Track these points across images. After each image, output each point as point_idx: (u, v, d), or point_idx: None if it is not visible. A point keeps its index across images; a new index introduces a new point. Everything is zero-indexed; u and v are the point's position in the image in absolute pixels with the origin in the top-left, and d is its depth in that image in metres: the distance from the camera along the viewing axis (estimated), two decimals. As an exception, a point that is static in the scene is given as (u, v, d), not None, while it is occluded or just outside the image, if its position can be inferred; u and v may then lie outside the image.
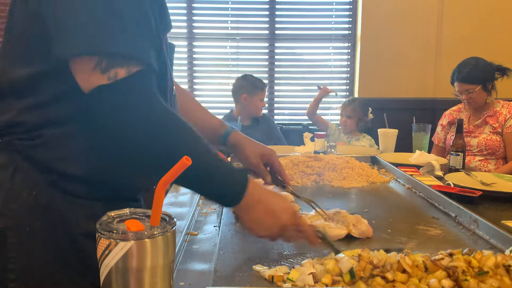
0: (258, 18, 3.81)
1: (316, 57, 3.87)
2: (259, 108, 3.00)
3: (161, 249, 0.60)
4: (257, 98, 2.95)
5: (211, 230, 1.10)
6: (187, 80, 3.79)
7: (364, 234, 1.01)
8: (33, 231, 0.79)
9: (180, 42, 3.77)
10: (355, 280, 0.75)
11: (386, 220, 1.16)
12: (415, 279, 0.74)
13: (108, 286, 0.60)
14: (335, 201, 1.36)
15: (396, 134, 2.36)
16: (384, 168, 1.84)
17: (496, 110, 2.51)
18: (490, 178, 1.65)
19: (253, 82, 2.98)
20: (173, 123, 0.78)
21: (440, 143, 2.73)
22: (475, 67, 2.45)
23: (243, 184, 0.84)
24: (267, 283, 0.78)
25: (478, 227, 1.06)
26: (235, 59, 3.82)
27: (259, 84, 2.98)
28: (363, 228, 1.01)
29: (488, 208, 1.34)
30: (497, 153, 2.48)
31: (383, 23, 3.49)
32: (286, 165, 1.70)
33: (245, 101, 2.95)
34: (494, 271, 0.75)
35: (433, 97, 3.54)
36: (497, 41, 3.41)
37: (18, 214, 0.79)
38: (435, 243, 1.00)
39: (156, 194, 0.62)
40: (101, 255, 0.59)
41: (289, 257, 0.90)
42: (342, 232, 0.99)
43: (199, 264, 0.90)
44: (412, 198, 1.41)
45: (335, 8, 3.78)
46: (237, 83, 3.05)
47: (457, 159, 1.90)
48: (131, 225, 0.60)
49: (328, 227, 0.99)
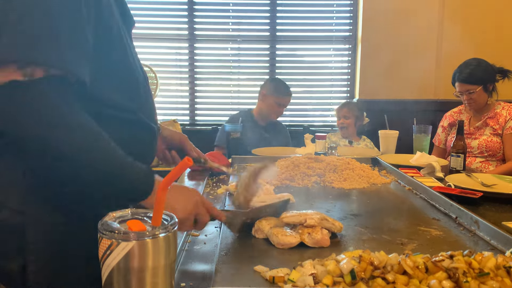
0: (259, 20, 3.81)
1: (317, 59, 3.88)
2: (272, 111, 2.99)
3: (163, 249, 0.60)
4: (273, 99, 2.94)
5: (212, 231, 1.10)
6: (188, 82, 3.80)
7: (318, 243, 0.96)
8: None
9: (181, 43, 3.78)
10: (356, 281, 0.75)
11: (387, 221, 1.16)
12: (416, 280, 0.74)
13: (109, 286, 0.60)
14: (336, 202, 1.36)
15: (397, 135, 2.37)
16: (385, 170, 1.84)
17: (497, 111, 2.51)
18: (490, 179, 1.65)
19: (277, 84, 2.99)
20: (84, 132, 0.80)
21: (441, 145, 2.73)
22: (477, 68, 2.45)
23: (149, 182, 0.85)
24: (268, 284, 0.78)
25: (479, 228, 1.06)
26: (236, 60, 3.82)
27: (283, 88, 2.97)
28: (317, 237, 0.96)
29: (489, 210, 1.34)
30: (498, 154, 2.48)
31: (383, 25, 3.49)
32: (287, 166, 1.70)
33: (262, 96, 2.95)
34: (494, 273, 0.75)
35: (434, 99, 3.54)
36: (498, 43, 3.41)
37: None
38: (435, 244, 1.00)
39: (158, 195, 0.63)
40: (103, 255, 0.59)
41: (290, 258, 0.90)
42: (293, 241, 0.95)
43: (200, 264, 0.90)
44: (412, 199, 1.41)
45: (335, 10, 3.78)
46: (265, 82, 3.07)
47: (458, 160, 1.91)
48: (133, 225, 0.60)
49: (281, 234, 0.96)
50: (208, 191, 1.49)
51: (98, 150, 0.81)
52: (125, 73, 0.95)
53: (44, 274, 0.88)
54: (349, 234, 1.05)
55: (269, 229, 1.00)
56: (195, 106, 3.84)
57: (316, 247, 0.96)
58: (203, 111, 3.87)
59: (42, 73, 0.75)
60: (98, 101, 0.88)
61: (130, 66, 0.97)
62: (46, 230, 0.88)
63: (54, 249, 0.88)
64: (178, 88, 3.84)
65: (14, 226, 0.87)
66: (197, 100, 3.84)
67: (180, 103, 3.84)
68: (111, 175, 0.83)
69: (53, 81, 0.76)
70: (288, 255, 0.92)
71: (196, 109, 3.84)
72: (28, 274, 0.87)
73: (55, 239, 0.88)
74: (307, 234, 0.97)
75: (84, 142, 0.79)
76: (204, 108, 3.88)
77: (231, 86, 3.85)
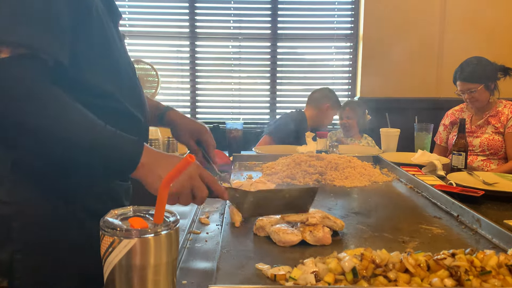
0: (260, 18, 3.80)
1: (318, 57, 3.87)
2: (330, 122, 3.17)
3: (165, 247, 0.60)
4: (334, 113, 3.11)
5: (213, 229, 1.10)
6: (189, 80, 3.80)
7: (319, 241, 0.96)
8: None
9: (182, 41, 3.77)
10: (358, 279, 0.75)
11: (388, 219, 1.16)
12: (418, 278, 0.74)
13: (111, 284, 0.60)
14: (337, 200, 1.36)
15: (398, 133, 2.36)
16: (386, 168, 1.83)
17: (498, 110, 2.50)
18: (492, 177, 1.65)
19: (337, 99, 3.13)
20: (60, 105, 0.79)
21: (442, 143, 2.73)
22: (478, 66, 2.44)
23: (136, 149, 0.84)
24: (270, 281, 0.78)
25: (481, 227, 1.06)
26: (237, 58, 3.82)
27: (340, 103, 3.13)
28: (319, 235, 0.96)
29: (491, 208, 1.34)
30: (499, 153, 2.48)
31: (385, 22, 3.49)
32: (289, 164, 1.70)
33: (326, 110, 3.07)
34: (496, 271, 0.75)
35: (435, 97, 3.54)
36: (500, 41, 3.40)
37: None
38: (437, 242, 1.00)
39: (160, 192, 0.63)
40: (105, 252, 0.59)
41: (292, 256, 0.90)
42: (295, 239, 0.95)
43: (202, 262, 0.90)
44: (414, 197, 1.41)
45: (337, 8, 3.77)
46: (323, 92, 3.14)
47: (459, 158, 1.90)
48: (135, 222, 0.60)
49: (283, 232, 0.96)
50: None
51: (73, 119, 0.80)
52: (107, 59, 0.95)
53: (32, 265, 0.90)
54: (350, 232, 1.05)
55: (270, 227, 1.00)
56: (196, 104, 3.84)
57: (318, 245, 0.96)
58: (204, 109, 3.87)
59: (9, 52, 0.76)
60: (78, 85, 0.88)
61: (113, 54, 0.96)
62: (32, 220, 0.90)
63: (41, 239, 0.90)
64: (179, 86, 3.84)
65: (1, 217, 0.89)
66: (198, 98, 3.84)
67: (181, 101, 3.84)
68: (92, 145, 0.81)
69: (23, 60, 0.77)
70: (289, 253, 0.92)
71: (197, 107, 3.84)
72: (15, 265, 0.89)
73: (42, 229, 0.90)
74: (308, 232, 0.96)
75: (58, 113, 0.79)
76: (205, 106, 3.88)
77: (232, 84, 3.85)
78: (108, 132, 0.83)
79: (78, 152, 0.81)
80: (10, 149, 0.90)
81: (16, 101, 0.75)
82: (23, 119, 0.76)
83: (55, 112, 0.79)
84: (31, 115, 0.76)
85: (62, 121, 0.79)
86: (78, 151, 0.81)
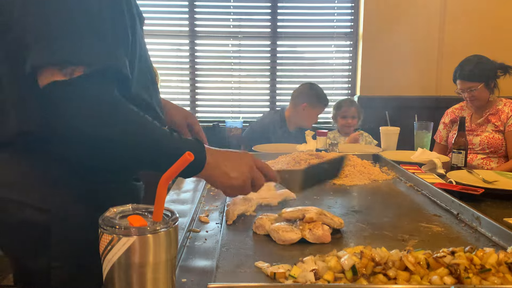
0: (260, 16, 3.80)
1: (318, 55, 3.87)
2: (312, 122, 2.91)
3: (164, 245, 0.60)
4: (316, 112, 2.87)
5: (213, 227, 1.10)
6: (189, 78, 3.79)
7: (319, 240, 0.96)
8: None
9: (182, 40, 3.77)
10: (357, 277, 0.75)
11: (388, 217, 1.16)
12: (417, 276, 0.74)
13: (110, 282, 0.60)
14: (337, 199, 1.36)
15: (398, 132, 2.36)
16: (386, 166, 1.83)
17: (498, 108, 2.50)
18: (492, 176, 1.65)
19: (319, 95, 2.87)
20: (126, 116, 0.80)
21: (442, 141, 2.73)
22: (478, 65, 2.44)
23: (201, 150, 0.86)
24: (269, 279, 0.78)
25: (480, 225, 1.06)
26: (237, 57, 3.81)
27: (324, 100, 2.88)
28: (318, 233, 0.96)
29: (490, 206, 1.34)
30: (499, 151, 2.48)
31: (385, 21, 3.48)
32: (288, 162, 1.70)
33: (303, 110, 2.84)
34: (496, 269, 0.75)
35: (435, 95, 3.53)
36: (500, 39, 3.40)
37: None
38: (437, 240, 1.00)
39: (159, 190, 0.62)
40: (104, 250, 0.59)
41: (291, 254, 0.90)
42: (295, 237, 0.95)
43: (201, 260, 0.90)
44: (414, 196, 1.41)
45: (337, 6, 3.77)
46: (303, 89, 2.92)
47: (459, 157, 1.90)
48: (134, 220, 0.60)
49: (282, 230, 0.96)
50: (209, 187, 1.49)
51: (150, 130, 0.82)
52: (146, 69, 0.96)
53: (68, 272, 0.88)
54: (350, 230, 1.05)
55: (270, 225, 1.00)
56: (196, 103, 3.83)
57: (317, 243, 0.96)
58: (204, 108, 3.87)
59: (83, 70, 0.76)
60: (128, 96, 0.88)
61: (147, 63, 0.97)
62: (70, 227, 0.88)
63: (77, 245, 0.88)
64: (178, 85, 3.84)
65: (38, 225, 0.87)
66: (197, 96, 3.83)
67: (180, 100, 3.84)
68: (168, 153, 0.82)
69: (99, 78, 0.77)
70: (289, 251, 0.92)
71: (196, 106, 3.84)
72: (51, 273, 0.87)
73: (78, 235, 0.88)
74: (308, 230, 0.96)
75: (137, 126, 0.81)
76: (205, 105, 3.87)
77: (232, 82, 3.85)
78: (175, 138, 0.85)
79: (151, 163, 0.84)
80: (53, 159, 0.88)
81: (98, 118, 0.76)
82: (106, 134, 0.77)
83: (135, 126, 0.81)
84: (115, 129, 0.78)
85: (140, 134, 0.81)
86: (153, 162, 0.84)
